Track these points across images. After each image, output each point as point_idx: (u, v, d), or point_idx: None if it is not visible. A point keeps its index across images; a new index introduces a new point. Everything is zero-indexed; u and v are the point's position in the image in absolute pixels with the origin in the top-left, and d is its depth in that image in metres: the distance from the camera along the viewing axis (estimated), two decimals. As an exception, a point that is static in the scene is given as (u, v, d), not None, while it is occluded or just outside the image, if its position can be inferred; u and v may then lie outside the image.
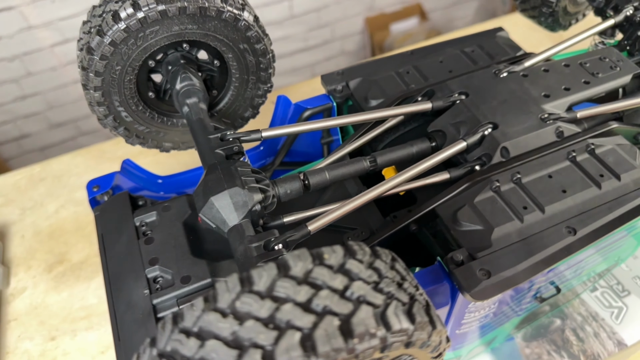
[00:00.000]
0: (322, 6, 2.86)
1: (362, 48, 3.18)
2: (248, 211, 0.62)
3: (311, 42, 3.02)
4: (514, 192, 0.68)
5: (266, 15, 2.74)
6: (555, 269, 0.72)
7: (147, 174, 0.85)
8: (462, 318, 0.68)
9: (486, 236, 0.65)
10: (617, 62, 0.81)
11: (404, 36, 2.99)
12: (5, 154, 2.62)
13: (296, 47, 2.98)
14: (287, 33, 2.89)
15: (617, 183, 0.69)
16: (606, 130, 0.74)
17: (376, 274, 0.44)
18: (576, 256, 0.69)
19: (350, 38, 3.10)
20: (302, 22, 2.88)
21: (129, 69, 0.71)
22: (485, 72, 0.79)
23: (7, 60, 2.22)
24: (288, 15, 2.81)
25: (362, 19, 3.08)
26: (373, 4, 2.97)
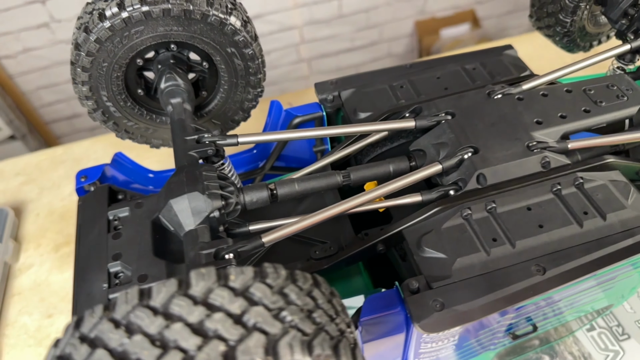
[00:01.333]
0: (372, 7, 2.83)
1: (409, 51, 3.13)
2: (205, 217, 0.62)
3: (358, 42, 3.00)
4: (486, 222, 0.65)
5: (314, 13, 2.74)
6: (531, 306, 0.68)
7: (138, 167, 0.87)
8: (419, 347, 0.66)
9: (447, 265, 0.62)
10: (626, 91, 0.76)
11: (453, 42, 2.91)
12: (58, 132, 2.76)
13: (342, 47, 2.97)
14: (333, 32, 2.88)
15: (601, 223, 0.65)
16: (600, 164, 0.70)
17: (283, 300, 0.43)
18: (549, 296, 0.65)
19: (398, 41, 3.05)
20: (350, 22, 2.86)
21: (116, 66, 0.73)
22: (478, 92, 0.76)
23: (65, 43, 2.32)
24: (336, 14, 2.80)
25: (412, 22, 3.03)
26: (424, 8, 2.91)
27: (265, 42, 2.69)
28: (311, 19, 2.76)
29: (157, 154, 1.25)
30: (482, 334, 0.70)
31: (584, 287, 0.70)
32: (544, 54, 1.24)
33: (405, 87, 0.83)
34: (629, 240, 0.63)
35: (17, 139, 2.18)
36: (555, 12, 0.87)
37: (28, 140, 2.28)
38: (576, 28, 0.89)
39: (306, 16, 2.78)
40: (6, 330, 1.02)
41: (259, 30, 2.75)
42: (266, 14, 2.62)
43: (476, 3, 2.98)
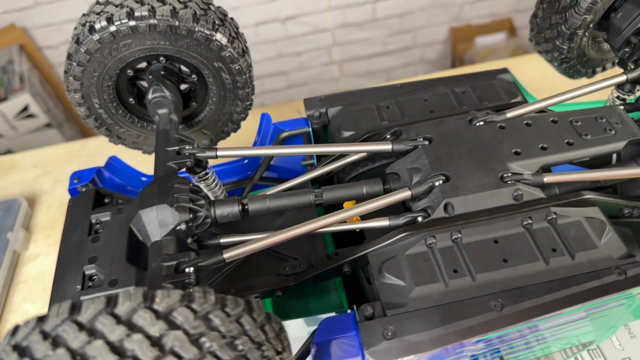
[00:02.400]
0: (406, 12, 2.81)
1: (443, 58, 3.09)
2: (172, 229, 0.64)
3: (390, 47, 2.98)
4: (449, 252, 0.65)
5: (347, 16, 2.75)
6: (494, 339, 0.68)
7: (132, 171, 0.90)
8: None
9: (405, 293, 0.62)
10: (615, 124, 0.74)
11: (487, 51, 2.86)
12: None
13: (374, 51, 2.96)
14: (366, 36, 2.87)
15: (569, 261, 0.63)
16: (577, 199, 0.68)
17: (205, 325, 0.44)
18: (507, 332, 0.65)
19: (431, 47, 3.02)
20: (383, 26, 2.85)
21: (106, 75, 0.76)
22: (459, 118, 0.75)
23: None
24: (370, 18, 2.80)
25: (447, 29, 2.99)
26: (460, 15, 2.87)
27: (298, 44, 2.72)
28: (344, 22, 2.77)
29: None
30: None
31: (552, 324, 0.69)
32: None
33: (391, 108, 0.83)
34: (595, 282, 0.62)
35: (53, 127, 2.27)
36: (552, 37, 0.85)
37: (64, 129, 2.36)
38: (575, 54, 0.86)
39: (339, 19, 2.79)
40: (9, 316, 1.08)
41: (292, 31, 2.77)
42: (300, 15, 2.64)
43: (514, 12, 2.91)
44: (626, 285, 0.62)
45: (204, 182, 0.79)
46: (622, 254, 0.64)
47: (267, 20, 2.63)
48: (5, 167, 1.39)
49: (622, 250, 0.65)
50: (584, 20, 0.79)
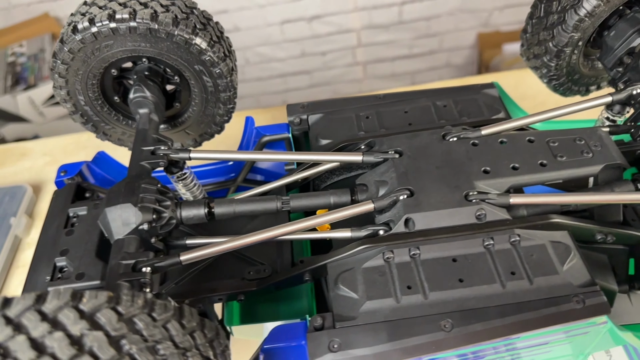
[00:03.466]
0: (434, 15, 2.78)
1: (469, 63, 3.04)
2: (134, 228, 0.66)
3: (416, 50, 2.95)
4: (406, 268, 0.64)
5: (374, 17, 2.74)
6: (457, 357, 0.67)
7: (119, 166, 0.93)
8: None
9: (356, 307, 0.62)
10: (593, 147, 0.71)
11: (515, 58, 2.80)
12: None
13: (399, 53, 2.94)
14: (392, 38, 2.85)
15: (526, 286, 0.62)
16: (544, 223, 0.66)
17: (127, 328, 0.45)
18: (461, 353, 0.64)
19: (458, 52, 2.98)
20: (409, 29, 2.83)
21: (91, 74, 0.78)
22: (433, 132, 0.74)
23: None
24: (396, 20, 2.78)
25: (475, 34, 2.94)
26: (489, 20, 2.82)
27: (322, 43, 2.72)
28: (370, 23, 2.76)
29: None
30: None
31: (512, 347, 0.68)
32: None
33: (370, 118, 0.83)
34: (552, 309, 0.60)
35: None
36: (541, 54, 0.83)
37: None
38: (564, 72, 0.84)
39: (365, 20, 2.78)
40: (6, 299, 1.12)
41: (317, 31, 2.77)
42: (325, 15, 2.65)
43: (544, 19, 2.84)
44: (583, 314, 0.60)
45: (182, 182, 0.80)
46: (585, 282, 0.63)
47: (293, 18, 2.64)
48: (16, 154, 1.45)
49: (585, 277, 0.63)
50: (571, 38, 0.77)
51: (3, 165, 1.42)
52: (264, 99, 3.02)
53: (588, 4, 0.73)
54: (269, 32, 2.68)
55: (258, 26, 2.62)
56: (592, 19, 0.75)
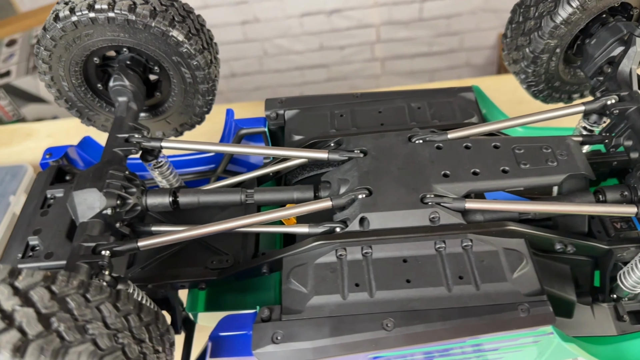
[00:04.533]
0: (455, 14, 2.75)
1: (489, 64, 3.00)
2: (98, 213, 0.68)
3: (435, 48, 2.93)
4: (356, 266, 0.65)
5: (394, 13, 2.72)
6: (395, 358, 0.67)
7: (104, 151, 0.95)
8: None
9: (304, 301, 0.64)
10: (559, 156, 0.71)
11: (534, 60, 2.76)
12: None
13: (418, 51, 2.92)
14: (411, 35, 2.83)
15: (472, 291, 0.62)
16: (499, 229, 0.66)
17: (59, 307, 0.47)
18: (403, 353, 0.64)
19: (478, 51, 2.94)
20: (429, 27, 2.80)
21: (73, 61, 0.80)
22: (400, 134, 0.75)
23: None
24: (416, 17, 2.76)
25: (496, 34, 2.90)
26: (511, 21, 2.77)
27: (341, 37, 2.72)
28: (390, 19, 2.74)
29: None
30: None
31: (461, 351, 0.68)
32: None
33: (344, 117, 0.83)
34: (495, 316, 0.61)
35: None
36: (519, 60, 0.82)
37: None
38: (542, 79, 0.83)
39: (385, 16, 2.76)
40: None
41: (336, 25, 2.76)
42: (345, 9, 2.64)
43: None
44: (527, 323, 0.60)
45: (157, 170, 0.83)
46: (533, 291, 0.63)
47: (313, 11, 2.64)
48: (22, 135, 1.50)
49: (534, 286, 0.63)
50: (546, 45, 0.76)
51: (9, 145, 1.47)
52: (281, 91, 3.03)
53: (563, 11, 0.72)
54: (288, 24, 2.69)
55: (277, 18, 2.64)
56: (568, 27, 0.74)
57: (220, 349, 0.66)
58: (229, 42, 2.65)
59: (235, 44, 2.71)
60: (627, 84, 0.75)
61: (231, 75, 2.87)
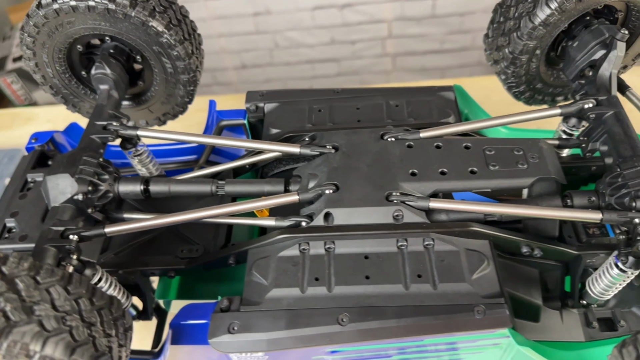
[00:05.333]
0: (468, 11, 2.71)
1: (501, 63, 2.95)
2: (69, 198, 0.69)
3: (448, 45, 2.90)
4: (318, 260, 0.66)
5: (406, 9, 2.70)
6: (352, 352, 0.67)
7: (90, 138, 0.97)
8: None
9: (263, 293, 0.64)
10: (530, 159, 0.70)
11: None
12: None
13: (430, 48, 2.89)
14: (423, 31, 2.81)
15: (429, 290, 0.63)
16: (462, 230, 0.66)
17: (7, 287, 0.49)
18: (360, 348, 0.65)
19: (491, 51, 2.89)
20: (442, 24, 2.77)
21: (56, 48, 0.82)
22: (372, 131, 0.75)
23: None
24: (429, 13, 2.73)
25: (510, 34, 2.84)
26: (525, 20, 2.73)
27: (353, 32, 2.71)
28: (402, 15, 2.72)
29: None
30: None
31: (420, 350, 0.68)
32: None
33: (322, 112, 0.84)
34: (450, 316, 0.61)
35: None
36: (499, 60, 0.81)
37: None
38: (523, 80, 0.82)
39: (397, 11, 2.74)
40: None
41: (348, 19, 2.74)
42: (357, 3, 2.63)
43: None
44: (482, 325, 0.60)
45: (137, 158, 0.84)
46: (492, 293, 0.62)
47: (325, 5, 2.63)
48: (23, 119, 1.53)
49: (493, 289, 0.63)
50: (525, 46, 0.76)
51: (10, 128, 1.50)
52: (291, 84, 3.03)
53: (542, 12, 0.72)
54: (300, 17, 2.69)
55: (289, 10, 2.63)
56: (547, 28, 0.73)
57: (180, 337, 0.67)
58: (241, 33, 2.66)
59: (247, 35, 2.72)
60: (606, 88, 0.74)
61: (242, 66, 2.88)
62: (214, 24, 2.67)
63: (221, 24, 2.66)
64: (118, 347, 0.56)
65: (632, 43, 0.81)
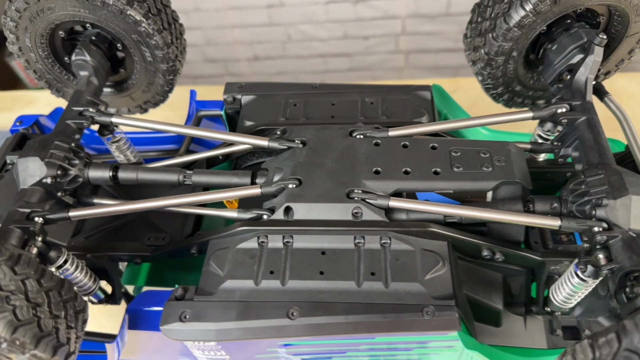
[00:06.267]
0: (483, 11, 2.67)
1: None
2: (38, 181, 0.71)
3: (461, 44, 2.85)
4: (275, 254, 0.66)
5: (420, 6, 2.67)
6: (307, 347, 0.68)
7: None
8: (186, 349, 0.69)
9: (218, 283, 0.65)
10: (496, 162, 0.69)
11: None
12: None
13: (443, 46, 2.86)
14: (437, 29, 2.78)
15: (381, 288, 0.62)
16: (420, 230, 0.66)
17: None
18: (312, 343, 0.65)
19: (504, 51, 2.84)
20: (456, 22, 2.74)
21: (39, 34, 0.83)
22: (341, 127, 0.75)
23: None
24: (443, 11, 2.70)
25: (524, 35, 2.79)
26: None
27: (366, 27, 2.69)
28: (416, 12, 2.70)
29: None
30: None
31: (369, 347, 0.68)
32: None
33: (298, 106, 0.84)
34: (399, 315, 0.60)
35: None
36: (476, 61, 0.80)
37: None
38: (500, 82, 0.81)
39: (412, 8, 2.72)
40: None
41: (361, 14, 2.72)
42: (371, -1, 2.62)
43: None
44: (429, 326, 0.60)
45: (115, 145, 0.85)
46: (444, 295, 0.62)
47: (339, -1, 2.62)
48: (23, 102, 1.56)
49: (446, 290, 0.62)
50: (500, 47, 0.74)
51: (10, 110, 1.53)
52: (302, 77, 3.03)
53: (516, 14, 0.70)
54: (314, 11, 2.68)
55: (303, 3, 2.63)
56: (522, 30, 0.72)
57: (137, 322, 0.68)
58: (254, 24, 2.66)
59: (260, 27, 2.72)
60: (582, 93, 0.73)
61: (254, 58, 2.89)
62: (227, 15, 2.67)
63: (235, 15, 2.67)
64: (66, 328, 0.57)
65: (614, 49, 0.80)
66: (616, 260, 0.58)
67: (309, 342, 0.66)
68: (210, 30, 2.78)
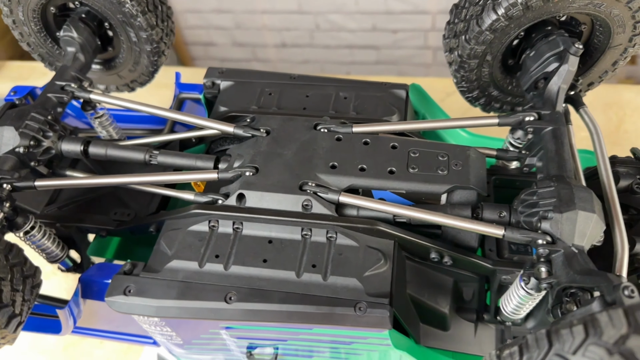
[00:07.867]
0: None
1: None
2: (11, 149, 0.74)
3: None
4: (223, 238, 0.68)
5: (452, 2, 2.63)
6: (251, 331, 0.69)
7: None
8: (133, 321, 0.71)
9: (164, 262, 0.67)
10: (453, 166, 0.69)
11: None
12: (194, 54, 3.08)
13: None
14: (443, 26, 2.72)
15: (319, 280, 0.63)
16: (367, 227, 0.66)
17: None
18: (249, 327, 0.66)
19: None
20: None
21: (31, 8, 0.86)
22: (307, 120, 0.75)
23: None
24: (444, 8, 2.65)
25: (555, 37, 2.72)
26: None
27: (395, 21, 2.67)
28: (447, 8, 2.65)
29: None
30: (206, 340, 0.73)
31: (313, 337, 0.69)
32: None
33: (272, 96, 0.84)
34: (331, 308, 0.61)
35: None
36: (451, 62, 0.79)
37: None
38: (475, 85, 0.79)
39: (443, 3, 2.68)
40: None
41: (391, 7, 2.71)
42: (402, -8, 2.59)
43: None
44: (361, 322, 0.61)
45: (97, 120, 0.88)
46: (380, 292, 0.62)
47: (370, -9, 2.60)
48: (39, 73, 1.61)
49: (384, 288, 0.63)
50: (472, 50, 0.73)
51: (26, 81, 1.59)
52: (328, 67, 3.02)
53: (488, 17, 0.69)
54: (343, 1, 2.67)
55: (333, -7, 2.62)
56: (495, 34, 0.71)
57: (89, 292, 0.71)
58: (283, 11, 2.67)
59: (289, 14, 2.73)
60: (552, 103, 0.71)
61: (282, 45, 2.89)
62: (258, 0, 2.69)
63: (265, 0, 2.68)
64: (22, 301, 0.60)
65: (597, 59, 0.77)
66: (555, 275, 0.57)
67: (248, 327, 0.67)
68: (240, 14, 2.79)
